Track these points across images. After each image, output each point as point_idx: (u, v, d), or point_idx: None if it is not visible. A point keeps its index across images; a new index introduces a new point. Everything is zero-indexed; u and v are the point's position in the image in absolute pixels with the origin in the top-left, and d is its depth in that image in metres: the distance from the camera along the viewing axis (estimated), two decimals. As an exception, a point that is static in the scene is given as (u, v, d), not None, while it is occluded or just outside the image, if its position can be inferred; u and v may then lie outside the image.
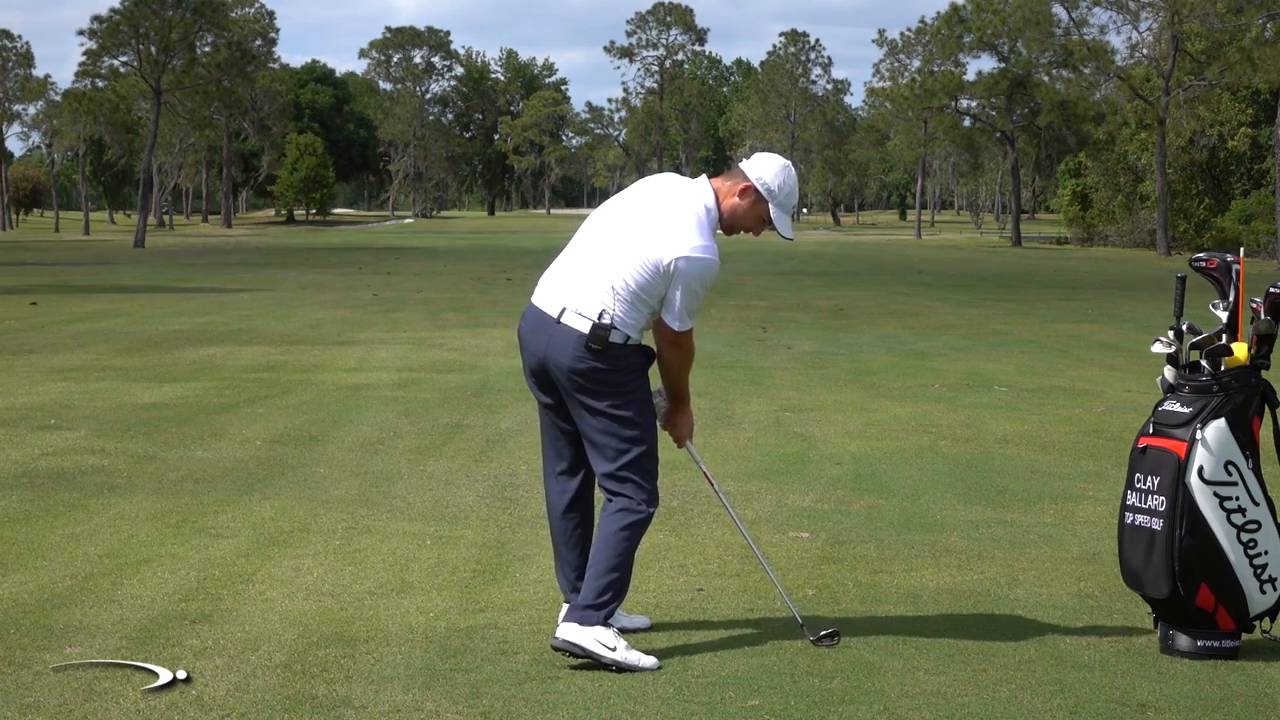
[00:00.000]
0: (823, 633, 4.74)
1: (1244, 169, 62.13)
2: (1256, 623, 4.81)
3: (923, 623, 5.03)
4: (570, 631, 4.48)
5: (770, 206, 4.64)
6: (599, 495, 4.74)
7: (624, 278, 4.48)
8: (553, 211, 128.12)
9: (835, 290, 27.72)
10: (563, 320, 4.54)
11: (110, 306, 21.26)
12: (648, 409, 4.62)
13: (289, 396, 11.00)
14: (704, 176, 4.73)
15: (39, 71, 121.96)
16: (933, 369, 13.51)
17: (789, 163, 4.73)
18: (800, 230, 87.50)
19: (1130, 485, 4.86)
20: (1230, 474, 4.67)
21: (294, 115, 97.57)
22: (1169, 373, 4.93)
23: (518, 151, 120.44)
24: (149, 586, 5.39)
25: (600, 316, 4.48)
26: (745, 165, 4.70)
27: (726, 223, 4.66)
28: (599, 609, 4.49)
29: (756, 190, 4.63)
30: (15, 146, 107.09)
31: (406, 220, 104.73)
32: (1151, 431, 4.82)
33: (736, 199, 4.64)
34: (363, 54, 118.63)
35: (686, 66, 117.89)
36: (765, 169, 4.65)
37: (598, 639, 4.45)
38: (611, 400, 4.52)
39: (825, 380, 12.50)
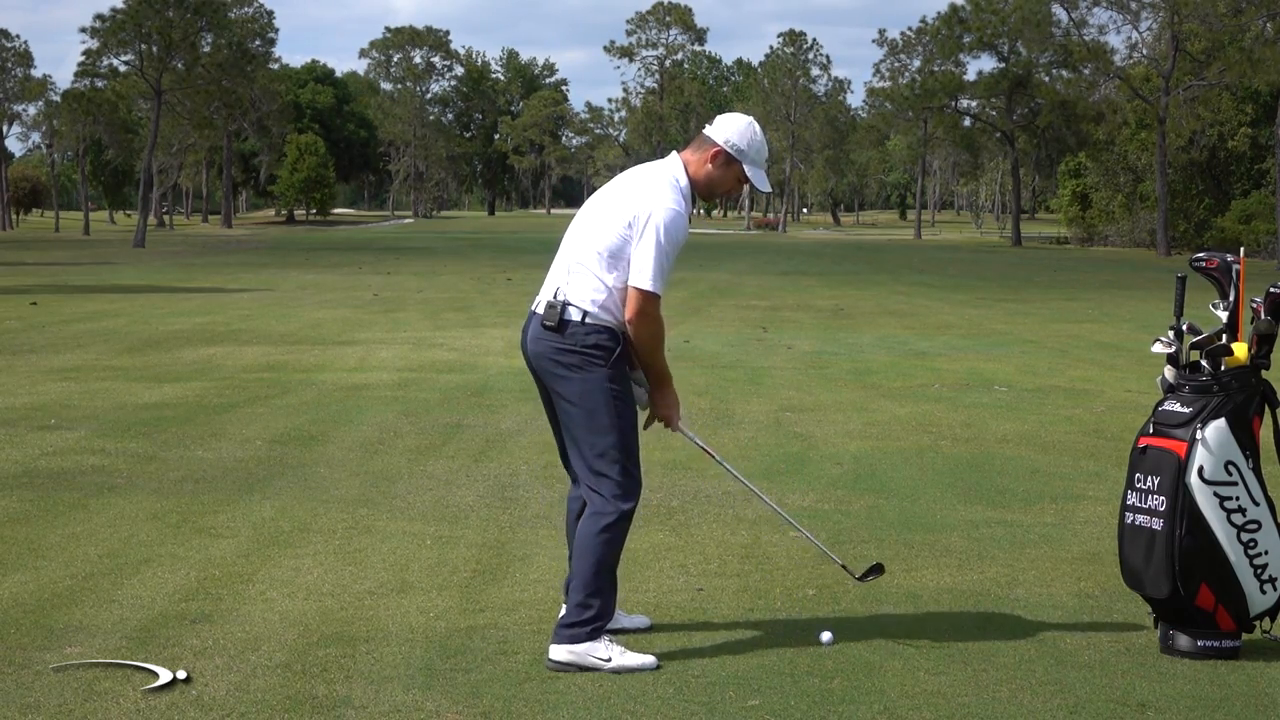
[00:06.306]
0: (868, 570, 5.10)
1: (1244, 169, 62.11)
2: (1256, 623, 4.80)
3: (923, 623, 5.03)
4: (561, 654, 4.46)
5: (744, 165, 4.66)
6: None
7: (586, 252, 4.51)
8: (553, 211, 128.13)
9: (835, 290, 27.72)
10: (534, 310, 4.62)
11: (110, 306, 21.26)
12: (621, 404, 4.54)
13: (289, 396, 11.01)
14: (674, 152, 4.73)
15: (38, 71, 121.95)
16: (933, 369, 13.52)
17: (752, 119, 4.73)
18: (800, 230, 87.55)
19: (1130, 485, 4.85)
20: (1230, 474, 4.66)
21: (294, 115, 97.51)
22: (1169, 373, 4.93)
23: (518, 151, 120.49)
24: (149, 586, 5.39)
25: (555, 295, 4.54)
26: (710, 130, 4.70)
27: (703, 190, 4.66)
28: (585, 626, 4.47)
29: (727, 153, 4.64)
30: (15, 146, 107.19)
31: (406, 220, 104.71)
32: (1151, 431, 4.82)
33: (709, 166, 4.64)
34: (363, 54, 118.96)
35: (686, 66, 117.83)
36: (731, 130, 4.65)
37: (590, 654, 4.45)
38: (579, 389, 4.50)
39: (825, 380, 12.50)
